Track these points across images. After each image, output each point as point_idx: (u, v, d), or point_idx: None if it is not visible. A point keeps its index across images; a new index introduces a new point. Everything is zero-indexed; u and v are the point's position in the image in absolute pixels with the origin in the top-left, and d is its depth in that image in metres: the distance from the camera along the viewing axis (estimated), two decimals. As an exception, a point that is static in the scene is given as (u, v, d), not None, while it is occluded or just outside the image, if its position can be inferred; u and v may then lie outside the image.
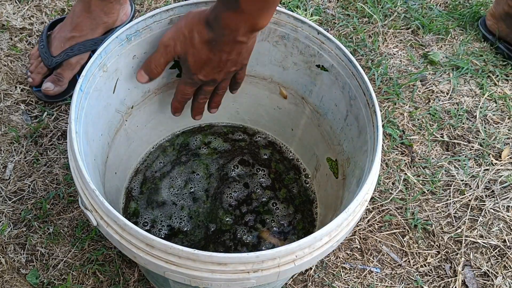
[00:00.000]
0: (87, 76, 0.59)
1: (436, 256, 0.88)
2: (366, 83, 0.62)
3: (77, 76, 0.99)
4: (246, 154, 0.86)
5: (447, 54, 1.16)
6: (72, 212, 0.86)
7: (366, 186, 0.55)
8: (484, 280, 0.86)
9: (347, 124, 0.70)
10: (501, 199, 0.94)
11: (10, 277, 0.79)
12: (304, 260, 0.50)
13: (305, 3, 1.22)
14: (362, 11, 1.21)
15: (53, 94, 0.96)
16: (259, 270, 0.48)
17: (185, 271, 0.48)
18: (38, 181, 0.89)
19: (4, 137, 0.93)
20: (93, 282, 0.80)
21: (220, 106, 0.76)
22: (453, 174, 0.97)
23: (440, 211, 0.92)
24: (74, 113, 0.55)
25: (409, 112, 1.05)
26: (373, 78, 1.09)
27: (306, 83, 0.75)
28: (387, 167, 0.97)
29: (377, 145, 0.58)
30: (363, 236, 0.88)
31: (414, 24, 1.20)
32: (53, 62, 0.95)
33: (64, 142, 0.93)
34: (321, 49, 0.69)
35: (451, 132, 1.03)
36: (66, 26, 0.97)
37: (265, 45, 0.73)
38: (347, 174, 0.70)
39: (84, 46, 0.96)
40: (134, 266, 0.82)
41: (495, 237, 0.90)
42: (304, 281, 0.83)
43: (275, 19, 0.69)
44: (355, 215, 0.54)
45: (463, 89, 1.10)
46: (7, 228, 0.83)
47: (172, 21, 0.67)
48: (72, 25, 0.96)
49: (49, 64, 0.95)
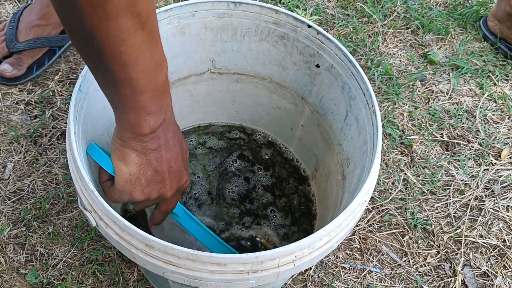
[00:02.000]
0: (86, 76, 0.59)
1: (436, 256, 0.88)
2: (365, 83, 0.62)
3: (34, 65, 0.99)
4: (246, 150, 0.86)
5: (446, 54, 1.16)
6: (71, 212, 0.86)
7: (365, 186, 0.55)
8: (484, 280, 0.86)
9: (346, 124, 0.70)
10: (500, 199, 0.94)
11: (10, 277, 0.79)
12: (303, 261, 0.50)
13: (305, 3, 1.21)
14: (362, 11, 1.21)
15: (9, 77, 0.96)
16: (258, 271, 0.48)
17: (185, 272, 0.48)
18: (38, 181, 0.88)
19: (3, 137, 0.93)
20: (92, 282, 0.80)
21: (220, 106, 0.76)
22: (453, 174, 0.97)
23: (440, 211, 0.92)
24: (72, 113, 0.55)
25: (408, 112, 1.05)
26: (372, 78, 1.08)
27: (306, 83, 0.75)
28: (386, 167, 0.97)
29: (377, 145, 0.57)
30: (363, 236, 0.88)
31: (414, 24, 1.20)
32: (15, 47, 0.95)
33: (63, 142, 0.93)
34: (321, 49, 0.69)
35: (451, 132, 1.03)
36: (34, 10, 0.96)
37: (264, 45, 0.73)
38: (347, 174, 0.70)
39: (48, 41, 0.97)
40: (134, 266, 0.82)
41: (495, 237, 0.90)
42: (303, 281, 0.83)
43: (275, 19, 0.69)
44: (355, 215, 0.54)
45: (463, 89, 1.10)
46: (6, 228, 0.83)
47: (171, 21, 0.67)
48: (40, 12, 0.95)
49: (11, 47, 0.95)
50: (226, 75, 0.80)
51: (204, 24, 0.70)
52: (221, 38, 0.73)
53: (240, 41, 0.73)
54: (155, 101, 0.45)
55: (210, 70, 0.78)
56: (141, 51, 0.40)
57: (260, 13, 0.69)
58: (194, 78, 0.79)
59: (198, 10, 0.68)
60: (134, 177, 0.50)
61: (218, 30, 0.71)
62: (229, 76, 0.80)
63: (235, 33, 0.72)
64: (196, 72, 0.78)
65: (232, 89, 0.82)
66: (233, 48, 0.75)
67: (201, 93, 0.82)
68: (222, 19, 0.70)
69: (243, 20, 0.70)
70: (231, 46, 0.74)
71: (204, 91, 0.82)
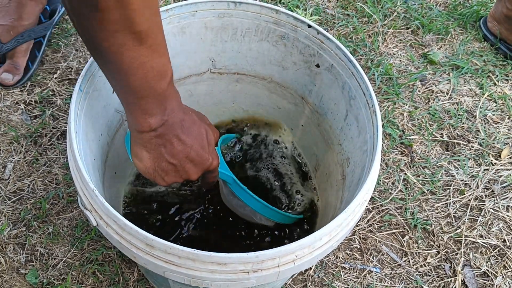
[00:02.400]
0: (86, 76, 0.59)
1: (436, 256, 0.88)
2: (366, 83, 0.62)
3: (29, 62, 0.99)
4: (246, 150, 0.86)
5: (446, 54, 1.16)
6: (71, 212, 0.86)
7: (365, 186, 0.55)
8: (484, 280, 0.86)
9: (346, 124, 0.70)
10: (500, 199, 0.94)
11: (10, 277, 0.79)
12: (304, 260, 0.50)
13: (305, 3, 1.22)
14: (362, 11, 1.21)
15: (13, 84, 0.97)
16: (259, 270, 0.48)
17: (185, 271, 0.48)
18: (38, 181, 0.88)
19: (3, 137, 0.93)
20: (92, 282, 0.80)
21: (220, 106, 0.76)
22: (453, 174, 0.97)
23: (440, 211, 0.92)
24: (73, 113, 0.55)
25: (408, 112, 1.05)
26: (372, 78, 1.08)
27: (306, 83, 0.75)
28: (386, 167, 0.97)
29: (377, 145, 0.57)
30: (363, 236, 0.88)
31: (414, 24, 1.20)
32: (3, 49, 0.95)
33: (63, 142, 0.93)
34: (321, 49, 0.69)
35: (451, 132, 1.03)
36: (9, 13, 0.95)
37: (264, 45, 0.73)
38: (347, 174, 0.70)
39: (34, 32, 0.97)
40: (134, 265, 0.82)
41: (495, 237, 0.90)
42: (303, 281, 0.83)
43: (275, 19, 0.69)
44: (355, 215, 0.54)
45: (463, 89, 1.10)
46: (6, 228, 0.83)
47: (171, 21, 0.67)
48: (17, 14, 0.95)
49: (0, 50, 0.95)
50: (226, 75, 0.80)
51: (204, 24, 0.70)
52: (221, 38, 0.73)
53: (240, 41, 0.73)
54: (155, 105, 0.49)
55: (210, 70, 0.78)
56: (140, 62, 0.45)
57: (260, 13, 0.69)
58: (194, 78, 0.79)
59: (198, 10, 0.68)
60: (151, 169, 0.54)
61: (218, 30, 0.72)
62: (229, 76, 0.80)
63: (235, 33, 0.72)
64: (196, 72, 0.78)
65: (232, 89, 0.82)
66: (233, 48, 0.75)
67: (201, 93, 0.82)
68: (222, 19, 0.70)
69: (243, 20, 0.70)
70: (231, 46, 0.74)
71: (204, 91, 0.82)
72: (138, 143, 0.53)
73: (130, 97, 0.48)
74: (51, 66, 1.04)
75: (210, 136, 0.58)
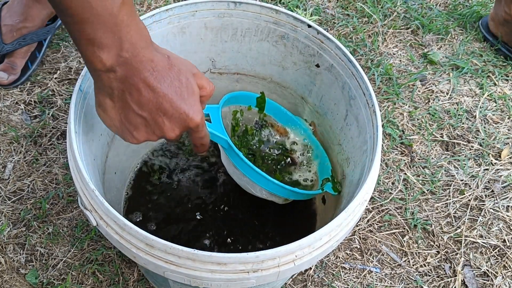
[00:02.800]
0: (86, 76, 0.59)
1: (436, 256, 0.88)
2: (365, 83, 0.62)
3: (28, 63, 0.99)
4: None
5: (446, 54, 1.16)
6: (71, 212, 0.86)
7: (365, 186, 0.55)
8: (484, 280, 0.86)
9: (346, 124, 0.70)
10: (500, 199, 0.94)
11: (10, 277, 0.79)
12: (304, 260, 0.50)
13: (305, 3, 1.22)
14: (362, 11, 1.21)
15: (8, 84, 0.97)
16: (259, 270, 0.48)
17: (185, 271, 0.48)
18: (38, 181, 0.88)
19: (3, 137, 0.93)
20: (92, 282, 0.80)
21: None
22: (453, 174, 0.97)
23: (440, 211, 0.92)
24: (73, 113, 0.55)
25: (408, 112, 1.05)
26: (372, 78, 1.08)
27: (306, 83, 0.75)
28: (386, 167, 0.97)
29: (377, 145, 0.58)
30: (363, 236, 0.88)
31: (413, 24, 1.20)
32: (4, 50, 0.95)
33: (63, 142, 0.93)
34: (321, 49, 0.69)
35: (451, 132, 1.03)
36: (15, 14, 0.96)
37: (264, 45, 0.73)
38: (347, 174, 0.70)
39: (36, 36, 0.97)
40: (134, 266, 0.82)
41: (495, 237, 0.90)
42: (303, 281, 0.83)
43: (275, 19, 0.69)
44: (355, 215, 0.54)
45: (463, 89, 1.10)
46: (6, 228, 0.83)
47: (171, 21, 0.67)
48: (22, 15, 0.95)
49: (0, 51, 0.95)
50: (226, 75, 0.80)
51: (204, 24, 0.70)
52: (221, 38, 0.73)
53: (240, 41, 0.73)
54: (104, 34, 0.41)
55: (210, 70, 0.78)
56: None
57: (260, 13, 0.69)
58: (194, 78, 0.79)
59: (198, 10, 0.68)
60: (117, 121, 0.47)
61: (218, 30, 0.72)
62: (229, 76, 0.80)
63: (235, 33, 0.72)
64: (196, 72, 0.78)
65: (232, 89, 0.82)
66: (233, 48, 0.75)
67: (201, 93, 0.82)
68: (222, 19, 0.70)
69: (243, 20, 0.70)
70: (231, 46, 0.74)
71: (204, 91, 0.82)
72: (100, 88, 0.45)
73: (70, 23, 0.40)
74: (51, 66, 1.04)
75: (194, 86, 0.48)
